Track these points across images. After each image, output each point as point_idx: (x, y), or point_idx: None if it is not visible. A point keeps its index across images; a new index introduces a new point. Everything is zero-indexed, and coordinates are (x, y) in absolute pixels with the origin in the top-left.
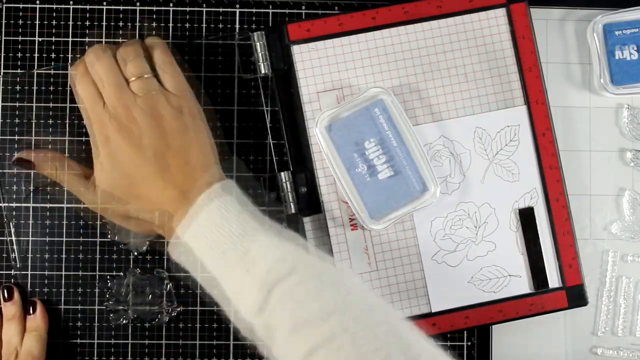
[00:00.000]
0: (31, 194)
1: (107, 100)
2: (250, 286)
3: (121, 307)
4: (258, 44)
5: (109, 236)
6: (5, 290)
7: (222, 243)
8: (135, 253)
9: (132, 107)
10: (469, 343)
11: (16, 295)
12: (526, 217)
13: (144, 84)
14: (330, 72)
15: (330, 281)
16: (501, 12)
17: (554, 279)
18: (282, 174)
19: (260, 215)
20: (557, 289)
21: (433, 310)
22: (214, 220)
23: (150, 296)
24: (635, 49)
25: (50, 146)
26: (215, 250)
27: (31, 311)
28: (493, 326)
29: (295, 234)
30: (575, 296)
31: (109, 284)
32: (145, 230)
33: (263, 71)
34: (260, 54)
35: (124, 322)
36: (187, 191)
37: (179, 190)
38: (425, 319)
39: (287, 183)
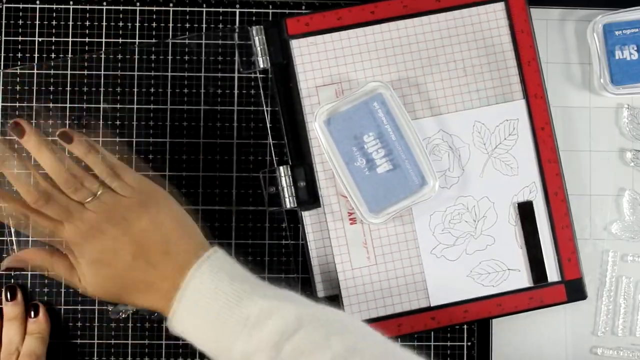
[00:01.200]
0: None
1: (70, 227)
2: (256, 350)
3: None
4: (257, 38)
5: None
6: (9, 291)
7: (219, 314)
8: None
9: (96, 225)
10: (469, 343)
11: (19, 296)
12: (525, 211)
13: (100, 203)
14: (329, 67)
15: (336, 329)
16: (500, 7)
17: (553, 273)
18: (281, 168)
19: (252, 277)
20: (556, 283)
21: (432, 304)
22: (206, 294)
23: None
24: (635, 49)
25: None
26: (213, 324)
27: (33, 314)
28: (493, 327)
29: (289, 291)
30: (574, 290)
31: None
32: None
33: (262, 65)
34: (259, 49)
35: (123, 316)
36: (176, 277)
37: (169, 279)
38: (424, 313)
39: (286, 177)
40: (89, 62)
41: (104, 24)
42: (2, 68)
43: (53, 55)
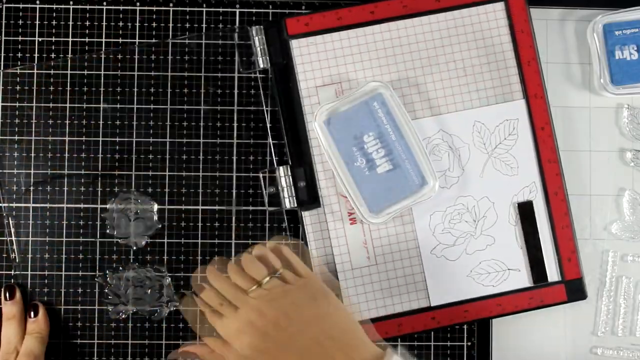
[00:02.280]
0: (31, 192)
1: (240, 312)
2: None
3: (120, 302)
4: (257, 38)
5: (108, 231)
6: (8, 291)
7: None
8: (135, 248)
9: (256, 316)
10: (469, 343)
11: (17, 295)
12: (525, 210)
13: (273, 284)
14: (329, 67)
15: None
16: (500, 7)
17: (553, 273)
18: (281, 168)
19: None
20: (556, 283)
21: (432, 304)
22: None
23: (149, 291)
24: (635, 49)
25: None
26: None
27: (32, 315)
28: (493, 327)
29: None
30: (575, 290)
31: (109, 278)
32: None
33: (262, 65)
34: (259, 49)
35: (123, 316)
36: None
37: None
38: (425, 313)
39: (286, 177)
40: (89, 62)
41: (104, 24)
42: (2, 68)
43: (53, 55)
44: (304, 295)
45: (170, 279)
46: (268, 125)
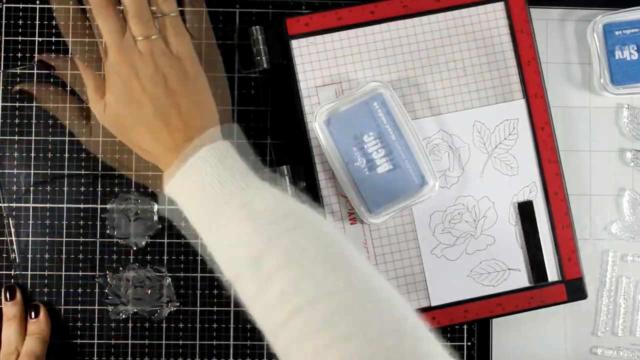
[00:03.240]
0: (31, 192)
1: (112, 56)
2: (251, 234)
3: (120, 302)
4: (257, 38)
5: (108, 231)
6: (8, 291)
7: (223, 193)
8: (135, 248)
9: (137, 66)
10: (469, 343)
11: (18, 295)
12: (525, 210)
13: (150, 45)
14: (329, 67)
15: (333, 241)
16: (500, 6)
17: (553, 273)
18: (281, 168)
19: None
20: (556, 283)
21: (432, 304)
22: (214, 168)
23: (149, 291)
24: (635, 49)
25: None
26: (212, 198)
27: (33, 315)
28: (493, 327)
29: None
30: (575, 289)
31: (109, 279)
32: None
33: (262, 65)
34: (259, 49)
35: (123, 316)
36: (182, 146)
37: (175, 145)
38: (425, 313)
39: (287, 177)
40: (88, 62)
41: None
42: (2, 68)
43: (53, 56)
44: (179, 65)
45: (170, 279)
46: (268, 125)
